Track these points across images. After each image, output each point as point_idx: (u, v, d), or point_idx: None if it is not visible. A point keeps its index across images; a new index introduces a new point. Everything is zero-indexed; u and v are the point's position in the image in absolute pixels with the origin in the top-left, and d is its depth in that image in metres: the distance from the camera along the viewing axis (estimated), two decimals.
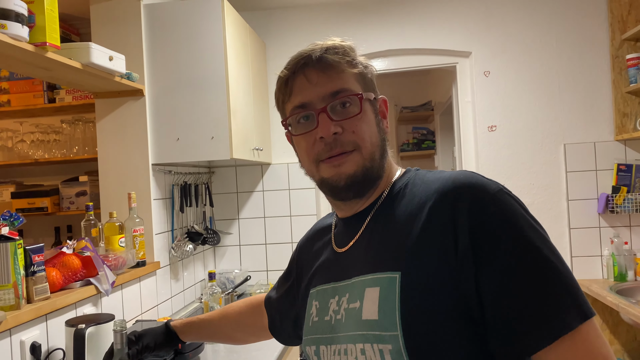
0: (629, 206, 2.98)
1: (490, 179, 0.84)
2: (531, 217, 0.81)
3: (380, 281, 0.82)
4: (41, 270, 1.61)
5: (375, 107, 0.94)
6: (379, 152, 0.92)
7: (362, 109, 0.90)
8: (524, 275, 0.76)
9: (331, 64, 0.90)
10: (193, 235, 2.83)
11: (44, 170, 3.21)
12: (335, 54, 0.92)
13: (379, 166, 0.92)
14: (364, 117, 0.90)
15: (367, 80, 0.94)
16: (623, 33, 3.01)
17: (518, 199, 0.83)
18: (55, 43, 1.67)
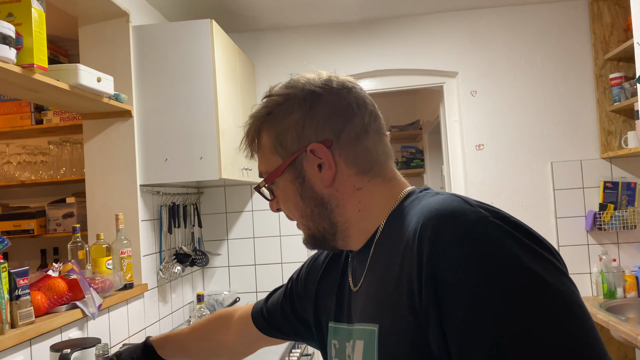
0: (616, 223, 3.00)
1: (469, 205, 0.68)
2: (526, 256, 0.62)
3: (364, 334, 0.76)
4: (26, 294, 1.58)
5: (297, 168, 0.82)
6: (316, 215, 0.84)
7: (276, 188, 0.87)
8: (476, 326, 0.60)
9: (247, 154, 0.89)
10: (181, 257, 2.80)
11: (31, 192, 3.18)
12: (245, 139, 0.88)
13: (329, 223, 0.83)
14: (282, 196, 0.86)
15: (283, 139, 0.82)
16: (606, 53, 3.07)
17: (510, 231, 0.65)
18: (43, 65, 1.67)
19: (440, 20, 3.26)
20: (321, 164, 0.81)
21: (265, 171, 0.86)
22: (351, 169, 0.81)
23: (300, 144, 0.81)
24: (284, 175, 0.84)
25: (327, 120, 0.82)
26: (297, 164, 0.82)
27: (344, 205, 0.82)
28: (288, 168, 0.83)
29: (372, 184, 0.82)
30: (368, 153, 0.82)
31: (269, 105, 0.84)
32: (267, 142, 0.84)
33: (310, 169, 0.81)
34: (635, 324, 2.43)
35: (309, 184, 0.82)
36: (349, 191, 0.82)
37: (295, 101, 0.82)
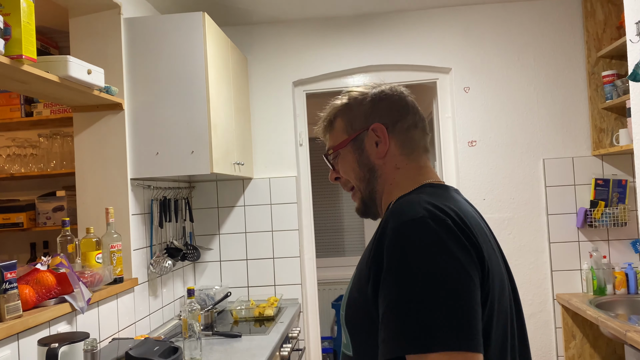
0: (607, 220, 3.02)
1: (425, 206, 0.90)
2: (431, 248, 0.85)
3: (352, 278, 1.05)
4: (13, 288, 1.56)
5: (357, 142, 1.09)
6: (365, 183, 1.09)
7: (336, 159, 1.13)
8: (385, 293, 0.87)
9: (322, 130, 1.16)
10: (172, 251, 2.79)
11: (20, 185, 3.15)
12: (325, 119, 1.15)
13: (372, 189, 1.09)
14: (341, 164, 1.12)
15: (354, 121, 1.10)
16: (599, 50, 3.08)
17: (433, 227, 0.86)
18: (32, 56, 1.65)
19: (434, 16, 3.26)
20: (378, 142, 1.07)
21: (333, 145, 1.12)
22: (398, 150, 1.07)
23: (365, 124, 1.08)
24: (347, 147, 1.10)
25: (388, 112, 1.08)
26: (360, 139, 1.08)
27: (384, 177, 1.08)
28: (352, 142, 1.09)
29: (408, 167, 1.07)
30: (413, 142, 1.08)
31: (348, 98, 1.12)
32: (340, 124, 1.11)
33: (369, 144, 1.07)
34: (625, 320, 2.44)
35: (366, 154, 1.08)
36: (391, 167, 1.07)
37: (367, 97, 1.10)
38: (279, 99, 3.32)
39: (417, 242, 0.85)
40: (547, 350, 3.13)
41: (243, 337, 2.48)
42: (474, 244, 0.87)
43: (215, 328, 2.64)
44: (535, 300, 3.14)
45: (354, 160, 1.09)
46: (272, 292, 3.26)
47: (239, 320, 2.84)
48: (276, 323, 2.72)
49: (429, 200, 0.92)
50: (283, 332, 2.57)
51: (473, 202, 3.51)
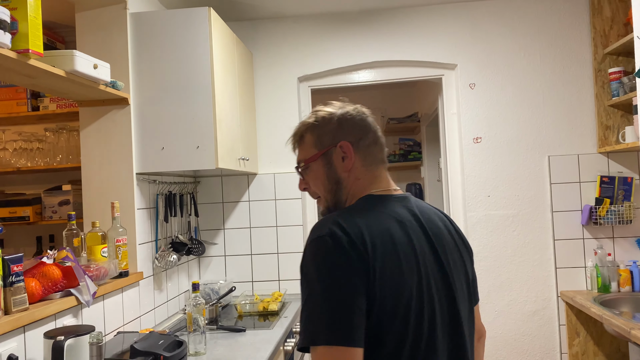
0: (612, 218, 3.01)
1: (326, 222, 1.10)
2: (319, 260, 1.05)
3: None
4: (20, 281, 1.57)
5: (326, 157, 1.24)
6: (331, 194, 1.25)
7: (306, 171, 1.28)
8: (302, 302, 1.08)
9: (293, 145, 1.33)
10: (177, 246, 2.80)
11: (27, 179, 3.17)
12: (296, 134, 1.31)
13: (336, 201, 1.25)
14: (311, 173, 1.27)
15: (323, 137, 1.25)
16: (605, 47, 3.06)
17: (325, 239, 1.06)
18: (38, 50, 1.65)
19: (440, 12, 3.24)
20: (344, 157, 1.22)
21: (304, 159, 1.27)
22: (360, 164, 1.23)
23: (333, 141, 1.23)
24: (317, 161, 1.25)
25: (352, 131, 1.24)
26: (328, 154, 1.24)
27: (348, 188, 1.23)
28: (322, 157, 1.24)
29: (365, 178, 1.24)
30: (373, 156, 1.25)
31: (317, 117, 1.27)
32: (310, 139, 1.27)
33: (337, 159, 1.23)
34: (629, 318, 2.44)
35: (334, 168, 1.23)
36: (353, 179, 1.23)
37: (334, 117, 1.25)
38: (284, 94, 3.32)
39: (313, 256, 1.06)
40: (551, 347, 3.13)
41: (247, 331, 2.49)
42: (362, 257, 1.03)
43: (219, 322, 2.65)
44: (539, 297, 3.13)
45: (323, 173, 1.25)
46: (277, 287, 3.27)
47: (243, 315, 2.85)
48: (280, 318, 2.73)
49: (338, 219, 1.09)
50: (287, 326, 2.58)
51: (478, 199, 3.49)
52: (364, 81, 3.38)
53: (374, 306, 1.02)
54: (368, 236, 1.06)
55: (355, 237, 1.05)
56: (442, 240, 1.18)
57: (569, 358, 3.06)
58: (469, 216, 3.19)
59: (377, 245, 1.05)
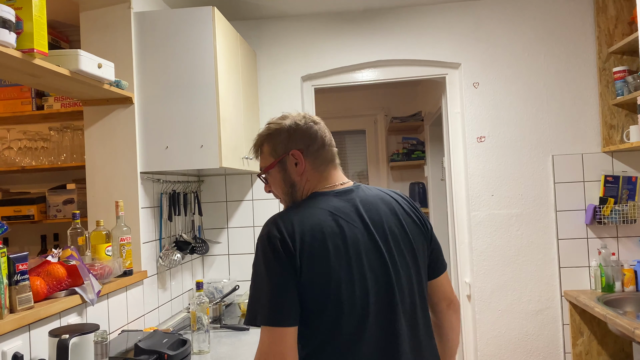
0: (616, 217, 3.00)
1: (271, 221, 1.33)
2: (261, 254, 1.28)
3: None
4: (25, 279, 1.58)
5: (282, 164, 1.42)
6: (288, 196, 1.44)
7: (267, 177, 1.47)
8: None
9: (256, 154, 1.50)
10: (181, 244, 2.81)
11: (31, 178, 3.18)
12: (256, 145, 1.48)
13: (294, 198, 1.43)
14: (271, 177, 1.46)
15: (277, 147, 1.42)
16: (610, 46, 3.06)
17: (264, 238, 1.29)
18: (43, 50, 1.66)
19: (444, 11, 3.24)
20: (297, 163, 1.41)
21: (264, 166, 1.46)
22: (310, 167, 1.41)
23: (285, 150, 1.42)
24: (275, 168, 1.43)
25: (301, 139, 1.42)
26: (283, 162, 1.42)
27: (301, 189, 1.42)
28: (278, 164, 1.43)
29: (314, 179, 1.42)
30: (321, 158, 1.43)
31: (269, 129, 1.45)
32: (267, 149, 1.44)
33: (290, 165, 1.42)
34: (633, 318, 2.43)
35: (289, 173, 1.42)
36: (304, 181, 1.42)
37: (284, 128, 1.42)
38: (287, 93, 3.33)
39: (256, 252, 1.30)
40: (555, 346, 3.12)
41: (251, 330, 2.50)
42: (291, 252, 1.25)
43: (223, 321, 2.66)
44: (542, 297, 3.13)
45: (280, 178, 1.43)
46: None
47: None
48: None
49: (276, 218, 1.32)
50: None
51: (481, 198, 3.49)
52: (368, 80, 3.38)
53: (305, 292, 1.25)
54: (299, 232, 1.27)
55: (287, 234, 1.27)
56: (382, 227, 1.35)
57: (572, 358, 3.06)
58: (473, 215, 3.19)
59: (305, 238, 1.26)
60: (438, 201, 4.57)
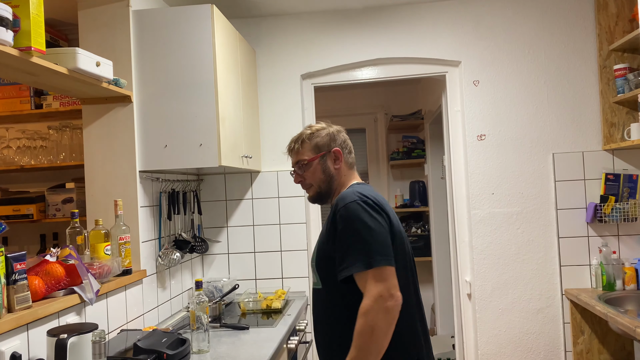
0: (617, 215, 2.99)
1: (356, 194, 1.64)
2: (365, 213, 1.58)
3: (317, 241, 1.78)
4: (23, 279, 1.57)
5: (323, 159, 1.80)
6: (325, 183, 1.80)
7: (308, 167, 1.80)
8: (340, 242, 1.59)
9: (293, 148, 1.86)
10: (181, 244, 2.80)
11: (30, 177, 3.17)
12: (297, 141, 1.84)
13: (327, 188, 1.81)
14: (310, 170, 1.80)
15: (319, 147, 1.81)
16: (610, 44, 3.04)
17: (362, 205, 1.60)
18: (41, 48, 1.65)
19: (444, 9, 3.23)
20: (336, 159, 1.81)
21: (304, 159, 1.81)
22: (343, 164, 1.83)
23: (328, 148, 1.81)
24: (316, 161, 1.80)
25: (340, 143, 1.83)
26: (324, 157, 1.80)
27: (337, 181, 1.81)
28: (320, 158, 1.80)
29: (347, 174, 1.84)
30: (350, 161, 1.86)
31: (312, 129, 1.84)
32: (308, 145, 1.81)
33: (330, 160, 1.81)
34: (634, 316, 2.42)
35: (328, 166, 1.80)
36: (340, 175, 1.82)
37: (327, 131, 1.84)
38: (287, 92, 3.32)
39: (354, 212, 1.58)
40: (555, 345, 3.11)
41: (250, 329, 2.49)
42: (384, 211, 1.62)
43: (222, 320, 2.65)
44: (543, 295, 3.12)
45: (320, 170, 1.79)
46: (280, 285, 3.27)
47: (246, 313, 2.85)
48: (283, 315, 2.72)
49: (358, 190, 1.65)
50: (290, 324, 2.58)
51: (482, 196, 3.56)
52: (367, 78, 3.37)
53: (393, 242, 1.60)
54: (375, 197, 1.64)
55: (372, 199, 1.62)
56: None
57: (573, 356, 3.05)
58: (473, 214, 3.18)
59: (383, 204, 1.65)
60: (438, 200, 4.56)
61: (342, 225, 1.58)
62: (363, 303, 1.49)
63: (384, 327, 1.48)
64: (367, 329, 1.47)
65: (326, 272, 1.67)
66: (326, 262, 1.65)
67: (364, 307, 1.48)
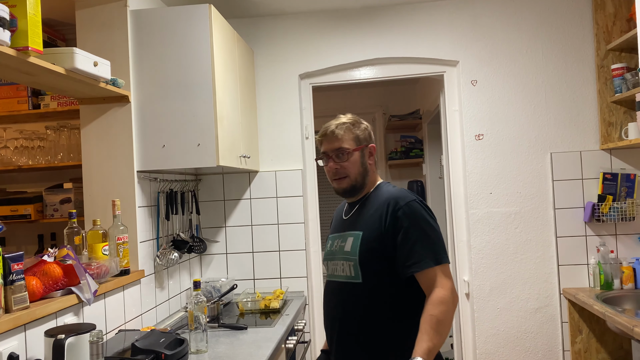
0: (615, 215, 2.99)
1: (411, 194, 1.74)
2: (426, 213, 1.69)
3: (354, 234, 1.77)
4: (20, 279, 1.57)
5: (363, 152, 1.81)
6: (360, 176, 1.81)
7: (349, 157, 1.79)
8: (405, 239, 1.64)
9: (336, 134, 1.79)
10: (179, 244, 2.80)
11: (28, 177, 3.17)
12: (340, 128, 1.80)
13: (361, 182, 1.82)
14: (351, 161, 1.79)
15: (359, 139, 1.81)
16: (608, 43, 3.05)
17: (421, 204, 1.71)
18: (38, 47, 1.65)
19: (442, 9, 3.23)
20: (371, 155, 1.85)
21: (347, 147, 1.79)
22: (374, 161, 1.87)
23: (367, 142, 1.84)
24: (357, 152, 1.80)
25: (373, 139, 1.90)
26: (363, 150, 1.82)
27: (369, 176, 1.84)
28: (360, 150, 1.81)
29: (375, 172, 1.89)
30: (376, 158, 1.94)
31: (352, 120, 1.84)
32: (350, 135, 1.80)
33: (368, 154, 1.84)
34: (632, 315, 2.43)
35: (365, 160, 1.83)
36: (372, 170, 1.86)
37: (365, 125, 1.87)
38: (285, 91, 3.32)
39: (419, 209, 1.68)
40: (553, 344, 3.12)
41: (249, 329, 2.49)
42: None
43: (221, 320, 2.65)
44: (541, 295, 3.13)
45: (359, 162, 1.80)
46: (278, 285, 3.27)
47: (244, 313, 2.85)
48: (282, 315, 2.72)
49: (407, 192, 1.76)
50: (289, 324, 2.58)
51: (480, 196, 3.54)
52: (366, 78, 3.37)
53: None
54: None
55: (423, 200, 1.77)
56: None
57: (571, 355, 3.05)
58: (471, 213, 3.18)
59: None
60: (436, 199, 4.56)
61: (407, 223, 1.63)
62: (439, 293, 1.56)
63: (452, 317, 1.61)
64: (448, 317, 1.55)
65: (372, 267, 1.67)
66: (374, 258, 1.67)
67: (442, 297, 1.56)
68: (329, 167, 1.80)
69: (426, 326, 1.52)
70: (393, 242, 1.65)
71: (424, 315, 1.55)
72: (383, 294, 1.68)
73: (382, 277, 1.67)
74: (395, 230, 1.64)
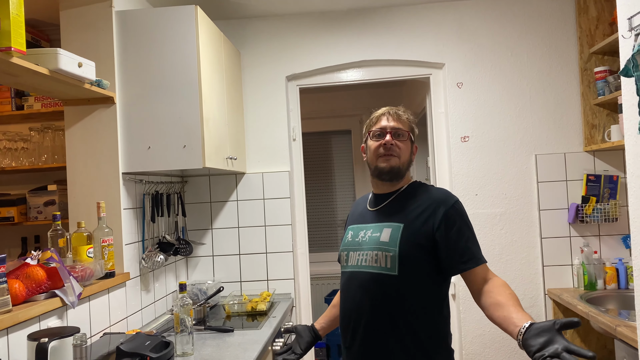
0: (598, 216, 3.03)
1: (451, 194, 1.78)
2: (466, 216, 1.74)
3: (393, 226, 1.73)
4: (2, 282, 1.55)
5: (412, 146, 1.84)
6: (406, 165, 1.81)
7: (407, 141, 1.80)
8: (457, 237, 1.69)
9: (400, 115, 1.82)
10: (164, 246, 2.78)
11: (11, 179, 3.13)
12: (406, 113, 1.85)
13: (405, 171, 1.81)
14: (405, 144, 1.80)
15: (414, 133, 1.85)
16: (591, 47, 3.09)
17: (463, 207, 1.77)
18: (21, 48, 1.63)
19: (427, 11, 3.25)
20: (414, 152, 1.85)
21: (407, 132, 1.81)
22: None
23: (415, 139, 1.86)
24: (412, 143, 1.84)
25: None
26: (413, 145, 1.85)
27: (409, 170, 1.85)
28: (412, 143, 1.84)
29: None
30: None
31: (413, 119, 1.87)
32: (411, 126, 1.84)
33: (414, 150, 1.86)
34: (615, 315, 2.46)
35: (412, 154, 1.84)
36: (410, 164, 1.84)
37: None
38: (272, 93, 3.31)
39: (464, 210, 1.75)
40: None
41: (235, 331, 2.48)
42: None
43: (207, 323, 2.64)
44: (526, 295, 3.15)
45: (409, 151, 1.82)
46: (265, 287, 3.26)
47: (231, 315, 2.83)
48: (269, 318, 2.72)
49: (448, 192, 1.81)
50: (275, 326, 2.57)
51: (466, 197, 3.55)
52: (352, 80, 3.38)
53: None
54: None
55: None
56: None
57: None
58: None
59: None
60: None
61: (459, 222, 1.69)
62: (501, 281, 1.67)
63: None
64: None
65: (413, 260, 1.67)
66: (417, 252, 1.67)
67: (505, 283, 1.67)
68: (385, 140, 1.76)
69: (514, 301, 1.61)
70: (444, 240, 1.66)
71: (504, 295, 1.61)
72: (417, 288, 1.69)
73: (420, 271, 1.68)
74: (447, 228, 1.67)
